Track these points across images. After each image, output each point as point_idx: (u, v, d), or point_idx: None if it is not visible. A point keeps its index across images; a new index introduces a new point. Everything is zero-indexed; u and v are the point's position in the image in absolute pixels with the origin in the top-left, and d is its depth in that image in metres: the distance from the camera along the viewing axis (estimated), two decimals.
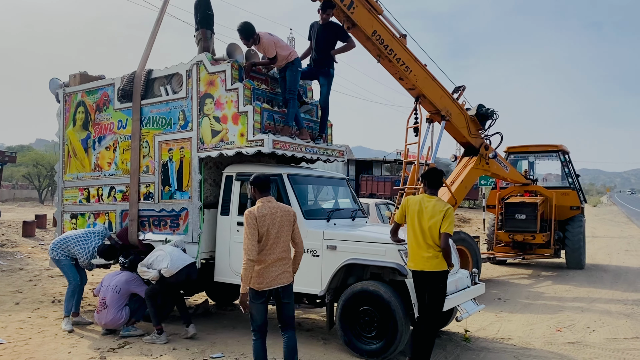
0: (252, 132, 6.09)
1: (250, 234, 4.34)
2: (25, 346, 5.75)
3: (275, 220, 4.46)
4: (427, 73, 8.78)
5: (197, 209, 6.48)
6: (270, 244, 4.43)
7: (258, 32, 6.54)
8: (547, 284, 10.44)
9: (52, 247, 6.74)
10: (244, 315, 7.36)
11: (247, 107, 6.14)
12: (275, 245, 4.45)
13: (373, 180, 32.33)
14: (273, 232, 4.43)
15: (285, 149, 6.26)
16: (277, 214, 4.49)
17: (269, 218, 4.44)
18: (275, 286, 4.46)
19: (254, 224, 4.37)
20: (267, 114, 6.34)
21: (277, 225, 4.46)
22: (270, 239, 4.42)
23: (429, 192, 5.03)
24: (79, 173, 7.79)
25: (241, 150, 6.18)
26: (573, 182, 13.30)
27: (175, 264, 5.94)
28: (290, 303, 4.60)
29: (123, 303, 6.28)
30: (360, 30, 7.73)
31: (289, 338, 4.59)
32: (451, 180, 9.93)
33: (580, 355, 5.91)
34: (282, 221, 4.50)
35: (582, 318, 7.62)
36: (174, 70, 6.80)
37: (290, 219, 4.57)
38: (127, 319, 6.28)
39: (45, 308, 7.52)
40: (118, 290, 6.28)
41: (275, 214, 4.49)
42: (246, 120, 6.13)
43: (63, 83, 8.12)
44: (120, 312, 6.23)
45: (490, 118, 10.20)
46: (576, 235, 12.38)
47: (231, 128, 6.26)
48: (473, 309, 5.93)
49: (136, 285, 6.38)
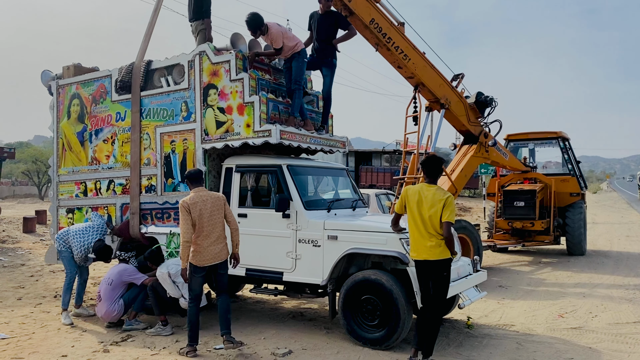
0: (258, 123, 6.05)
1: (184, 219, 5.12)
2: (29, 341, 5.77)
3: (207, 206, 5.23)
4: (425, 61, 8.74)
5: None
6: (205, 227, 5.19)
7: (266, 23, 6.51)
8: (548, 271, 10.45)
9: (57, 236, 6.82)
10: (247, 307, 7.40)
11: (253, 97, 6.10)
12: (212, 229, 5.23)
13: (372, 171, 32.34)
14: (206, 216, 5.20)
15: (292, 139, 6.24)
16: (207, 201, 5.27)
17: (200, 205, 5.20)
18: (215, 262, 5.29)
19: (187, 211, 5.14)
20: (273, 105, 6.31)
21: (209, 210, 5.23)
22: (204, 222, 5.19)
23: (427, 181, 5.00)
24: (74, 167, 7.71)
25: (247, 141, 6.15)
26: (573, 169, 13.29)
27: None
28: (225, 274, 5.45)
29: (116, 295, 6.27)
30: (358, 18, 7.68)
31: (223, 300, 5.40)
32: (451, 168, 9.91)
33: (583, 340, 5.92)
34: (212, 207, 5.27)
35: (584, 304, 7.63)
36: (175, 61, 6.73)
37: (220, 203, 5.34)
38: (122, 312, 6.30)
39: (48, 303, 7.52)
40: (110, 282, 6.30)
41: (206, 201, 5.26)
42: (252, 111, 6.08)
43: (55, 75, 8.00)
44: (113, 305, 6.22)
45: (489, 106, 10.17)
46: (577, 222, 12.36)
47: (237, 119, 6.22)
48: (475, 296, 5.93)
49: (129, 275, 6.37)
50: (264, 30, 6.51)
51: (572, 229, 12.38)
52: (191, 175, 5.45)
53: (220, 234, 5.32)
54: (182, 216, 5.14)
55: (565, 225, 12.53)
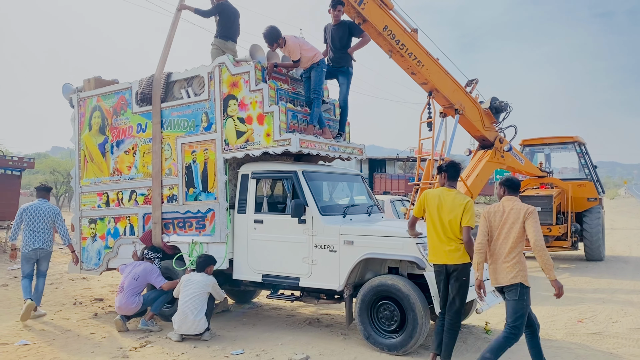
0: (278, 132, 6.12)
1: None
2: (50, 347, 5.84)
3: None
4: (439, 67, 8.75)
5: (223, 209, 6.50)
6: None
7: (284, 36, 6.61)
8: (567, 276, 10.34)
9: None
10: (263, 313, 7.42)
11: (272, 107, 6.18)
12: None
13: (387, 178, 32.21)
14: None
15: (311, 147, 6.31)
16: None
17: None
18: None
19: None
20: (292, 114, 6.39)
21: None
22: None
23: (447, 185, 5.00)
24: (96, 178, 7.81)
25: (268, 150, 6.21)
26: (590, 174, 13.16)
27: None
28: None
29: (138, 290, 6.47)
30: (372, 26, 7.73)
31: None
32: (466, 174, 9.88)
33: (604, 345, 5.85)
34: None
35: (603, 309, 7.54)
36: (195, 73, 6.83)
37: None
38: (139, 308, 6.44)
39: (67, 310, 7.61)
40: (137, 277, 6.48)
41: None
42: (272, 120, 6.16)
43: (77, 88, 8.14)
44: (133, 298, 6.40)
45: (504, 111, 10.15)
46: (594, 227, 12.23)
47: (256, 128, 6.29)
48: (493, 300, 5.89)
49: (153, 276, 6.54)
50: (282, 43, 6.61)
51: (590, 234, 12.25)
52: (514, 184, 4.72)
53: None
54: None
55: (583, 231, 12.40)
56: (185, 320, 5.89)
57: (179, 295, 6.08)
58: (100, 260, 7.68)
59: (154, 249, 6.91)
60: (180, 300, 5.99)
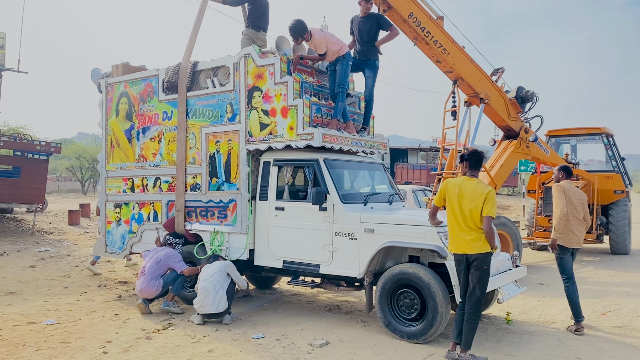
0: (301, 126, 6.12)
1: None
2: (75, 327, 5.99)
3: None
4: (465, 55, 8.64)
5: (245, 200, 6.55)
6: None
7: (310, 29, 6.58)
8: (591, 269, 10.18)
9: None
10: (283, 299, 7.48)
11: (296, 100, 6.17)
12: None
13: (408, 168, 32.04)
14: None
15: (334, 142, 6.30)
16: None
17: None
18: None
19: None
20: (316, 108, 6.37)
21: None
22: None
23: (469, 174, 4.95)
24: (122, 163, 7.94)
25: (290, 143, 6.22)
26: (617, 165, 12.88)
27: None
28: None
29: (159, 274, 6.58)
30: (397, 12, 7.66)
31: None
32: (490, 164, 9.77)
33: (628, 338, 5.76)
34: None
35: (628, 302, 7.41)
36: (221, 63, 6.85)
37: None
38: (159, 291, 6.56)
39: (93, 292, 7.79)
40: (158, 261, 6.60)
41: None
42: (295, 114, 6.15)
43: (105, 73, 8.25)
44: (153, 281, 6.52)
45: (530, 100, 9.98)
46: (621, 220, 12.00)
47: (280, 121, 6.30)
48: (515, 291, 5.85)
49: (174, 261, 6.65)
50: (307, 37, 6.59)
51: (616, 227, 12.02)
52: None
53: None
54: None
55: (608, 224, 12.17)
56: (206, 298, 5.99)
57: (199, 279, 6.18)
58: (124, 244, 7.83)
59: (176, 235, 7.01)
60: (200, 283, 6.10)
